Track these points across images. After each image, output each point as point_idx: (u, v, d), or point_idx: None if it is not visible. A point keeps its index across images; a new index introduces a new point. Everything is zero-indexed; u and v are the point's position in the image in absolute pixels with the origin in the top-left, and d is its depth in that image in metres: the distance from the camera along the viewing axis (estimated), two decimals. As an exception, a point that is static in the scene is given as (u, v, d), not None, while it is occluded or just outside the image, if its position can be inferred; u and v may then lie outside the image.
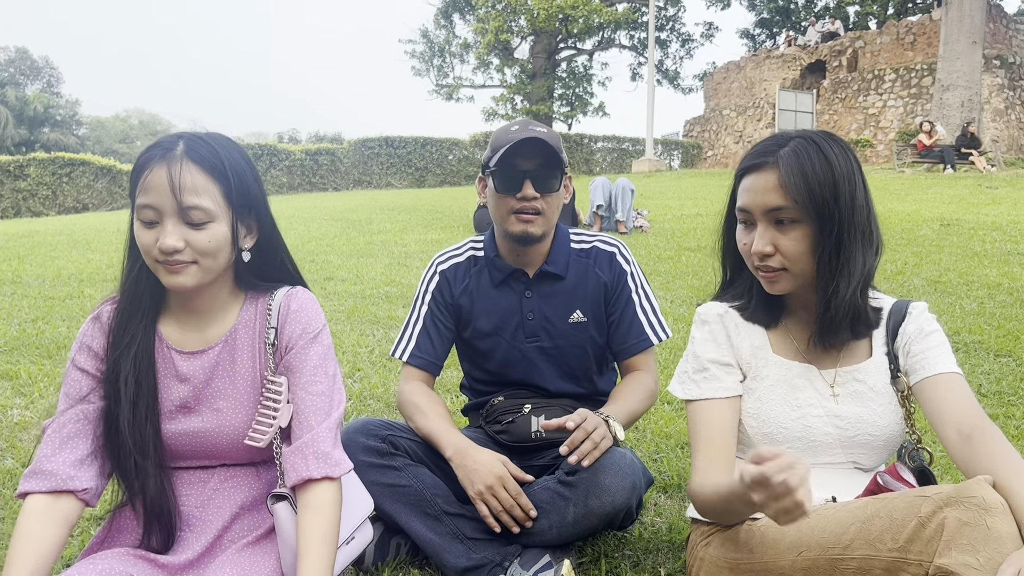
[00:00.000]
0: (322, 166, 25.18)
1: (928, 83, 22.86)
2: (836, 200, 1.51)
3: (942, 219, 9.77)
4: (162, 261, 1.51)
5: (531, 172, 2.08)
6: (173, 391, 1.63)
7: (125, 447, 1.55)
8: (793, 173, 1.51)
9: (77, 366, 1.60)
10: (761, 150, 1.59)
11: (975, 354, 4.09)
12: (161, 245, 1.48)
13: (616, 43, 37.39)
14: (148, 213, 1.50)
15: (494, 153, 2.10)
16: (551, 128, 2.18)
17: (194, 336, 1.66)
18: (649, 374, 2.21)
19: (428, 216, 12.55)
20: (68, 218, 16.73)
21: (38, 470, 1.52)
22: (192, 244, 1.51)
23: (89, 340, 1.62)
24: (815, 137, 1.56)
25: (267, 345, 1.65)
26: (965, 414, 1.50)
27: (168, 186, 1.48)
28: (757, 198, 1.56)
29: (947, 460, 2.59)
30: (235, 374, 1.65)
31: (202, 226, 1.51)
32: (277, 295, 1.69)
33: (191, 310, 1.66)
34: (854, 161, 1.57)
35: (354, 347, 4.46)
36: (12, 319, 5.06)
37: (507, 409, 2.21)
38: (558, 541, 1.97)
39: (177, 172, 1.49)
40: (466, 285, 2.26)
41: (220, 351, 1.65)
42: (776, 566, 1.50)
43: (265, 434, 1.61)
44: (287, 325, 1.65)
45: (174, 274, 1.52)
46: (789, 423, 1.65)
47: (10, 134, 44.00)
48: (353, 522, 1.73)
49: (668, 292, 5.96)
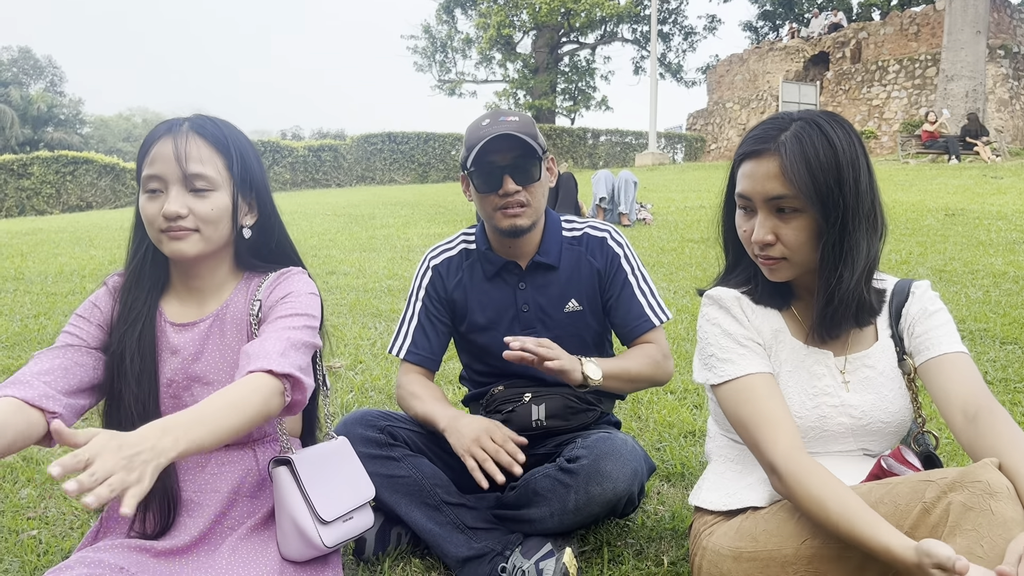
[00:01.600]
0: (325, 162, 25.16)
1: (932, 74, 22.78)
2: (840, 187, 1.45)
3: (947, 209, 9.73)
4: (165, 229, 1.55)
5: (508, 167, 2.03)
6: (166, 365, 1.64)
7: (127, 417, 1.55)
8: (795, 160, 1.45)
9: (83, 317, 1.63)
10: (761, 134, 1.52)
11: (981, 342, 4.07)
12: (165, 210, 1.53)
13: (619, 37, 37.26)
14: (153, 183, 1.56)
15: (469, 152, 2.05)
16: (523, 113, 2.13)
17: (192, 310, 1.69)
18: (656, 346, 2.17)
19: (431, 211, 12.54)
20: (71, 216, 16.75)
21: (17, 380, 1.45)
22: (195, 211, 1.56)
23: (96, 299, 1.67)
24: (818, 119, 1.50)
25: (251, 318, 1.66)
26: (971, 394, 1.46)
27: (173, 155, 1.55)
28: (757, 186, 1.51)
29: (953, 446, 2.57)
30: (224, 348, 1.66)
31: (205, 194, 1.58)
32: (270, 275, 1.71)
33: (191, 286, 1.69)
34: (858, 143, 1.50)
35: (356, 340, 4.45)
36: (15, 315, 5.07)
37: (507, 398, 2.19)
38: (560, 529, 1.95)
39: (183, 143, 1.57)
40: (459, 279, 2.23)
41: (211, 325, 1.67)
42: (780, 554, 1.47)
43: None
44: (270, 297, 1.66)
45: (176, 240, 1.56)
46: (805, 412, 1.61)
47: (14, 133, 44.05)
48: (352, 501, 1.72)
49: (671, 283, 5.94)
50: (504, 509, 2.04)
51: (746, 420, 1.54)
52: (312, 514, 1.60)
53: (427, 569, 2.00)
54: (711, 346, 1.65)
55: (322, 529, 1.61)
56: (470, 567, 1.91)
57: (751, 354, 1.61)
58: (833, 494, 1.35)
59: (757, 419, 1.52)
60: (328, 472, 1.71)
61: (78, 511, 2.34)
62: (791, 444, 1.47)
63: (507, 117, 2.07)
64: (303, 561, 1.64)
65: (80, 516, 2.31)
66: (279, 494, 1.62)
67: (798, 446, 1.47)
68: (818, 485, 1.38)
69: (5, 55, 53.21)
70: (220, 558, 1.53)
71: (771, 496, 1.59)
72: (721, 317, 1.66)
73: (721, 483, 1.73)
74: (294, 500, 1.60)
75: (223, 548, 1.55)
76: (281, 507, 1.61)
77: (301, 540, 1.60)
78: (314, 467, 1.67)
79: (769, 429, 1.50)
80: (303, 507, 1.60)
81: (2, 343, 4.35)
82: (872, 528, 1.27)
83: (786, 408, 1.55)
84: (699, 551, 1.68)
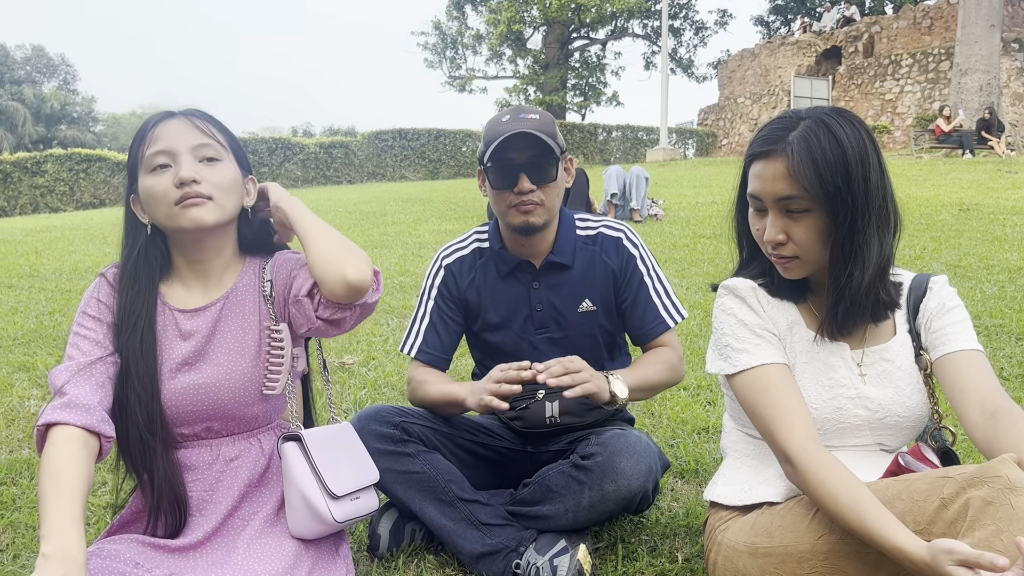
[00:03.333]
0: (336, 159, 25.22)
1: (946, 68, 22.60)
2: (849, 185, 1.44)
3: (961, 204, 9.66)
4: (180, 199, 1.56)
5: (525, 165, 2.03)
6: (176, 349, 1.64)
7: (134, 423, 1.55)
8: (803, 161, 1.45)
9: (91, 316, 1.62)
10: (769, 135, 1.52)
11: (996, 338, 4.04)
12: (181, 175, 1.55)
13: (629, 32, 37.16)
14: (161, 158, 1.58)
15: (487, 147, 2.05)
16: (544, 112, 2.12)
17: (197, 296, 1.70)
18: (672, 350, 2.17)
19: (442, 207, 12.54)
20: (85, 213, 16.86)
21: (74, 403, 1.46)
22: (207, 179, 1.59)
23: (98, 294, 1.65)
24: (826, 117, 1.49)
25: (264, 297, 1.69)
26: (989, 390, 1.46)
27: (181, 129, 1.60)
28: (767, 187, 1.51)
29: (971, 443, 2.54)
30: (237, 328, 1.68)
31: (215, 163, 1.62)
32: (275, 256, 1.76)
33: (197, 270, 1.69)
34: (868, 139, 1.49)
35: (368, 336, 4.46)
36: (30, 312, 5.10)
37: (521, 395, 2.18)
38: (574, 526, 1.95)
39: (188, 118, 1.63)
40: (472, 278, 2.22)
41: (222, 307, 1.68)
42: (796, 550, 1.47)
43: (278, 381, 1.66)
44: (279, 273, 1.71)
45: (194, 207, 1.57)
46: (821, 404, 1.60)
47: (28, 131, 44.34)
48: (359, 482, 1.73)
49: (684, 279, 5.93)
50: (518, 506, 2.04)
51: (761, 410, 1.54)
52: (322, 488, 1.62)
53: (441, 565, 2.01)
54: (726, 336, 1.64)
55: (332, 504, 1.62)
56: (484, 563, 1.91)
57: (767, 344, 1.61)
58: (845, 487, 1.34)
59: (772, 409, 1.52)
60: (335, 451, 1.72)
61: (93, 508, 2.35)
62: (806, 435, 1.46)
63: (527, 115, 2.06)
64: (313, 540, 1.65)
65: (96, 512, 2.32)
66: (288, 470, 1.63)
67: (814, 437, 1.47)
68: (831, 477, 1.37)
69: (19, 53, 53.54)
70: (236, 552, 1.53)
71: (787, 491, 1.58)
72: (737, 307, 1.65)
73: (736, 478, 1.73)
74: (304, 475, 1.61)
75: (239, 542, 1.56)
76: (290, 483, 1.62)
77: (311, 515, 1.60)
78: (322, 445, 1.69)
79: (785, 419, 1.49)
80: (313, 482, 1.62)
81: (18, 340, 4.38)
82: (883, 525, 1.26)
83: (802, 399, 1.55)
84: (714, 547, 1.67)
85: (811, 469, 1.40)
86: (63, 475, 1.37)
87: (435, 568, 1.99)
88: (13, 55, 52.47)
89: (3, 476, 2.56)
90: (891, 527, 1.25)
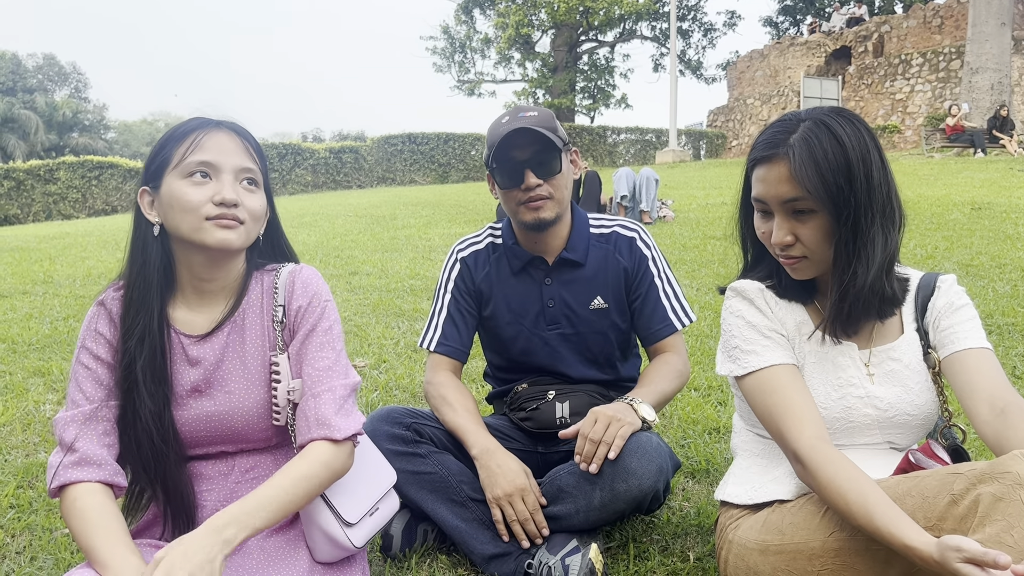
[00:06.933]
0: (346, 164, 25.29)
1: (956, 67, 22.48)
2: (851, 184, 1.46)
3: (973, 203, 9.60)
4: (216, 216, 1.51)
5: (529, 161, 2.05)
6: (184, 376, 1.60)
7: (146, 435, 1.53)
8: (804, 163, 1.46)
9: (91, 353, 1.56)
10: (770, 139, 1.54)
11: (1008, 336, 4.02)
12: (224, 196, 1.51)
13: (638, 34, 37.10)
14: (202, 167, 1.52)
15: (490, 150, 2.08)
16: (543, 108, 2.14)
17: (203, 317, 1.64)
18: (678, 355, 2.18)
19: (452, 211, 12.56)
20: (97, 220, 16.97)
21: (86, 460, 1.47)
22: (245, 204, 1.55)
23: (97, 325, 1.58)
24: (825, 117, 1.50)
25: (275, 323, 1.65)
26: (998, 388, 1.46)
27: (231, 146, 1.56)
28: (771, 190, 1.53)
29: (981, 441, 2.53)
30: (245, 355, 1.64)
31: (254, 189, 1.59)
32: (282, 273, 1.69)
33: (203, 289, 1.63)
34: (869, 137, 1.50)
35: (380, 339, 4.48)
36: (44, 318, 5.14)
37: (531, 396, 2.20)
38: (585, 526, 1.96)
39: (237, 137, 1.59)
40: (487, 272, 2.25)
41: (229, 332, 1.64)
42: (807, 547, 1.47)
43: (280, 412, 1.63)
44: (293, 301, 1.65)
45: (226, 229, 1.52)
46: (830, 403, 1.61)
47: (40, 139, 44.62)
48: (375, 494, 1.72)
49: (694, 280, 5.92)
50: (529, 506, 2.04)
51: (771, 411, 1.55)
52: (338, 519, 1.60)
53: (453, 566, 2.02)
54: (735, 338, 1.65)
55: (350, 531, 1.61)
56: (496, 564, 1.92)
57: (775, 345, 1.62)
58: (855, 484, 1.35)
59: (782, 409, 1.53)
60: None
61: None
62: (816, 434, 1.47)
63: (526, 112, 2.09)
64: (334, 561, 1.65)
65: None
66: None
67: (823, 436, 1.47)
68: (841, 475, 1.38)
69: (30, 62, 53.96)
70: (250, 559, 1.54)
71: (797, 489, 1.59)
72: (745, 309, 1.66)
73: (747, 477, 1.73)
74: (318, 509, 1.59)
75: (252, 551, 1.56)
76: (308, 518, 1.60)
77: (332, 545, 1.59)
78: None
79: (794, 419, 1.50)
80: (328, 515, 1.59)
81: (33, 345, 4.42)
82: (892, 521, 1.27)
83: (811, 399, 1.55)
84: (725, 545, 1.68)
85: (821, 467, 1.41)
86: (102, 521, 1.41)
87: (447, 568, 2.00)
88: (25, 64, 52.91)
89: (20, 479, 2.58)
90: (900, 524, 1.25)
